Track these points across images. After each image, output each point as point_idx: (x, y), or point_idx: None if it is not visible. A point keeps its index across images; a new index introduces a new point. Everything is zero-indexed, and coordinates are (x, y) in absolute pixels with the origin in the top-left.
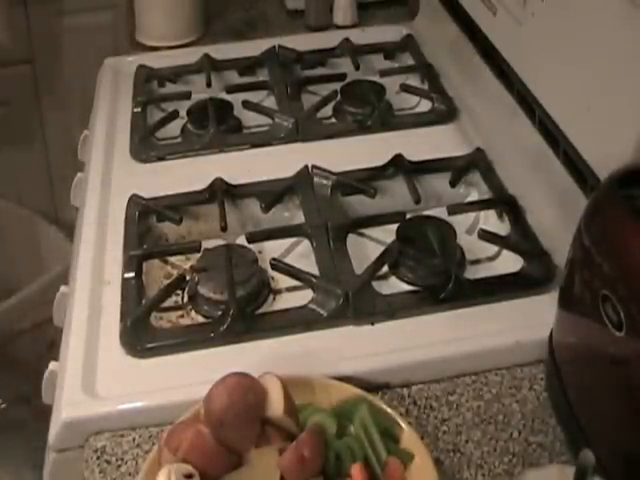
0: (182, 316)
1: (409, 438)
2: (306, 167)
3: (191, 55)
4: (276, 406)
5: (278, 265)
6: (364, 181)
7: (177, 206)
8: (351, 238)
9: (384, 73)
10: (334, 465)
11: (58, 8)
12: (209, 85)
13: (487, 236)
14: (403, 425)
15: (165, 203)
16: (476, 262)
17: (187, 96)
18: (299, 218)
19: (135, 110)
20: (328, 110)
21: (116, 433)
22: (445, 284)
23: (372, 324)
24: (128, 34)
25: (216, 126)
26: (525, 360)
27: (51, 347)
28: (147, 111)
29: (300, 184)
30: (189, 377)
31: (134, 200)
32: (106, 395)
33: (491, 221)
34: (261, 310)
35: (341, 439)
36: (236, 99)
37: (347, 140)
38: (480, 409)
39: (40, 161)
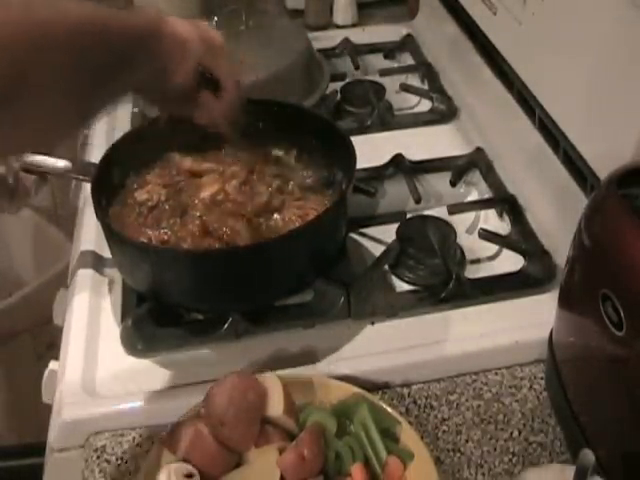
0: None
1: (409, 437)
2: None
3: None
4: (276, 406)
5: None
6: (364, 181)
7: None
8: (351, 238)
9: (384, 73)
10: (334, 465)
11: None
12: None
13: (487, 235)
14: (403, 424)
15: None
16: (476, 262)
17: None
18: None
19: (134, 110)
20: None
21: (116, 433)
22: (445, 284)
23: (372, 324)
24: None
25: None
26: (525, 360)
27: (51, 347)
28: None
29: None
30: (189, 377)
31: None
32: (106, 395)
33: (491, 220)
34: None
35: (341, 439)
36: None
37: None
38: (480, 409)
39: None
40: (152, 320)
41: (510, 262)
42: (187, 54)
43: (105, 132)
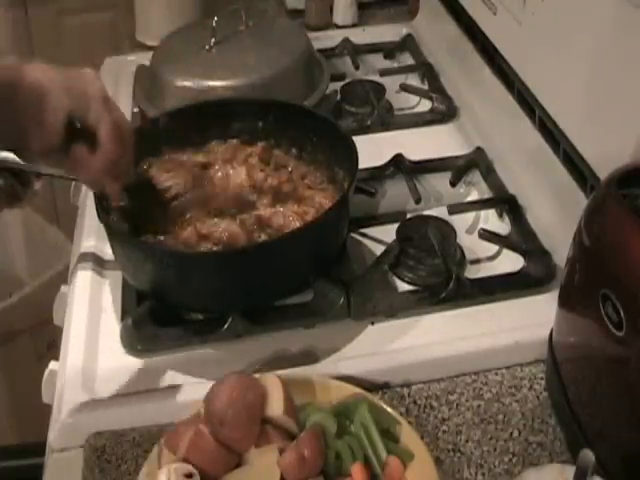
0: None
1: (409, 437)
2: None
3: None
4: (276, 406)
5: None
6: (364, 181)
7: None
8: (351, 238)
9: (384, 73)
10: (334, 465)
11: (58, 8)
12: None
13: (487, 235)
14: (403, 424)
15: None
16: (476, 262)
17: None
18: None
19: (135, 110)
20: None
21: (116, 433)
22: (445, 284)
23: (372, 324)
24: (128, 34)
25: None
26: (525, 360)
27: (51, 347)
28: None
29: None
30: (189, 377)
31: None
32: (106, 395)
33: (491, 220)
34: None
35: (341, 439)
36: None
37: None
38: (480, 409)
39: None
40: (152, 320)
41: (510, 262)
42: (47, 105)
43: None
